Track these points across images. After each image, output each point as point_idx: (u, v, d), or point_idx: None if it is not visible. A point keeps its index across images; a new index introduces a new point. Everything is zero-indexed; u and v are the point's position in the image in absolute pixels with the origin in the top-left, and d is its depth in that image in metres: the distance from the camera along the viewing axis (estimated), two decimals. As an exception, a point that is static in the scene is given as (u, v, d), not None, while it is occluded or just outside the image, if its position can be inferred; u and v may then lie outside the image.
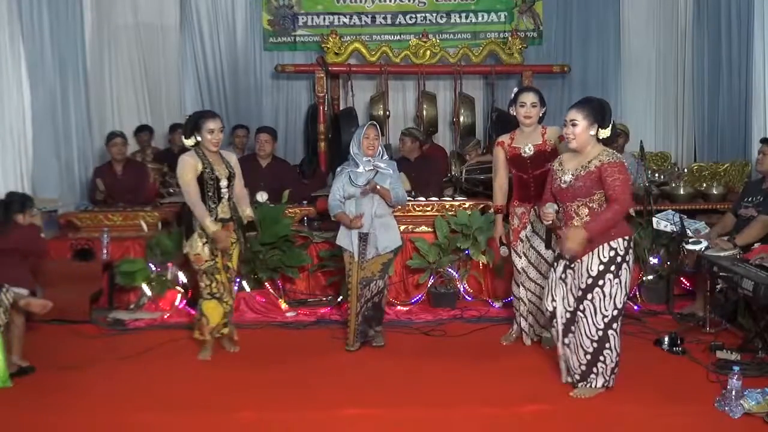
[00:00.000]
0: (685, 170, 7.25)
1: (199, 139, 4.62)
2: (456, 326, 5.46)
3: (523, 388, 4.18)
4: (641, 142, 6.55)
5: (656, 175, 6.99)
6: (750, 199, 5.43)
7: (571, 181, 3.94)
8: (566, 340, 4.06)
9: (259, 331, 5.43)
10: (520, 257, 4.88)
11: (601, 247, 3.88)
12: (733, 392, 3.76)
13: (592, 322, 3.94)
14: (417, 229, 6.08)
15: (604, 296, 3.90)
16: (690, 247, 5.24)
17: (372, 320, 4.91)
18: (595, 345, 3.98)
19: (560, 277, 4.06)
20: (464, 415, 3.81)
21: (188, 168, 4.60)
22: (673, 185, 6.66)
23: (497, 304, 5.83)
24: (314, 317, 5.70)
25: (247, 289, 5.84)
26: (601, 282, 3.89)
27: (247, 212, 4.87)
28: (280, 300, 5.88)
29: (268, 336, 5.33)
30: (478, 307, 5.90)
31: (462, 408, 3.89)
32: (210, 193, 4.64)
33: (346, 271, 4.92)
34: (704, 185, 6.69)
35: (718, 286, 5.01)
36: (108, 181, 6.78)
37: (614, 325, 3.96)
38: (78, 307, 5.50)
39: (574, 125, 3.93)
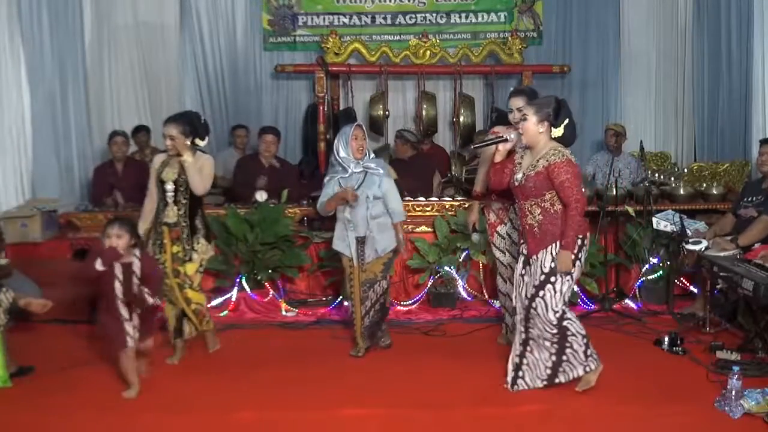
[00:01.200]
0: (685, 170, 7.26)
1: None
2: (456, 326, 5.47)
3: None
4: (641, 141, 6.55)
5: (656, 174, 7.00)
6: (750, 199, 5.43)
7: (522, 179, 3.97)
8: (530, 334, 4.06)
9: (259, 331, 5.43)
10: (504, 253, 4.90)
11: (554, 244, 3.91)
12: (733, 392, 3.76)
13: (546, 319, 3.96)
14: (417, 229, 6.08)
15: (555, 293, 3.93)
16: (690, 247, 5.24)
17: (378, 324, 4.88)
18: (556, 344, 4.00)
19: (520, 274, 4.09)
20: (464, 415, 3.81)
21: (152, 167, 4.71)
22: (673, 185, 6.66)
23: (497, 304, 5.82)
24: (314, 317, 5.70)
25: (247, 289, 5.84)
26: (553, 279, 3.92)
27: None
28: (279, 300, 5.88)
29: (268, 336, 5.33)
30: (478, 307, 5.91)
31: (462, 408, 3.89)
32: (161, 195, 4.65)
33: (346, 276, 4.86)
34: (704, 185, 6.69)
35: (718, 286, 5.02)
36: (109, 180, 6.78)
37: (567, 315, 3.98)
38: (77, 307, 5.49)
39: (524, 119, 3.95)
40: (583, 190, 3.93)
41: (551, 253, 3.92)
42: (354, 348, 4.84)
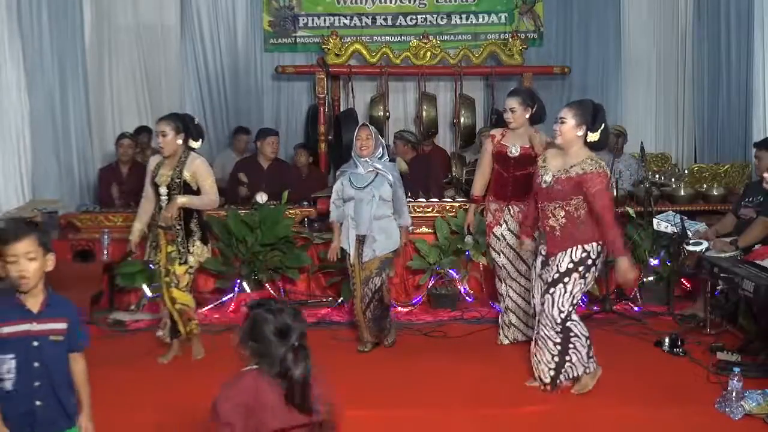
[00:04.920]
0: (686, 171, 7.25)
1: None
2: (456, 327, 5.47)
3: (523, 389, 4.19)
4: (641, 143, 6.55)
5: (657, 176, 6.99)
6: (750, 200, 5.43)
7: (551, 182, 3.99)
8: (539, 332, 4.11)
9: (259, 332, 5.42)
10: (499, 255, 4.92)
11: (574, 247, 3.94)
12: (734, 393, 3.76)
13: (550, 317, 3.99)
14: (417, 230, 6.07)
15: (565, 292, 3.96)
16: (690, 248, 5.24)
17: (381, 319, 4.95)
18: (559, 345, 4.02)
19: (539, 275, 4.12)
20: (464, 416, 3.81)
21: (147, 168, 4.71)
22: (674, 186, 6.66)
23: (497, 306, 5.82)
24: (314, 318, 5.69)
25: (248, 290, 5.84)
26: (566, 279, 3.95)
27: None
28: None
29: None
30: (479, 308, 5.91)
31: (462, 409, 3.90)
32: (156, 198, 4.65)
33: (349, 273, 4.96)
34: (705, 186, 6.69)
35: (719, 288, 5.01)
36: (114, 182, 6.78)
37: (572, 317, 4.01)
38: (78, 309, 5.47)
39: (562, 122, 3.97)
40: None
41: (571, 255, 3.94)
42: (360, 344, 4.94)
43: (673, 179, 6.93)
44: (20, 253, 2.52)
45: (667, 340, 4.83)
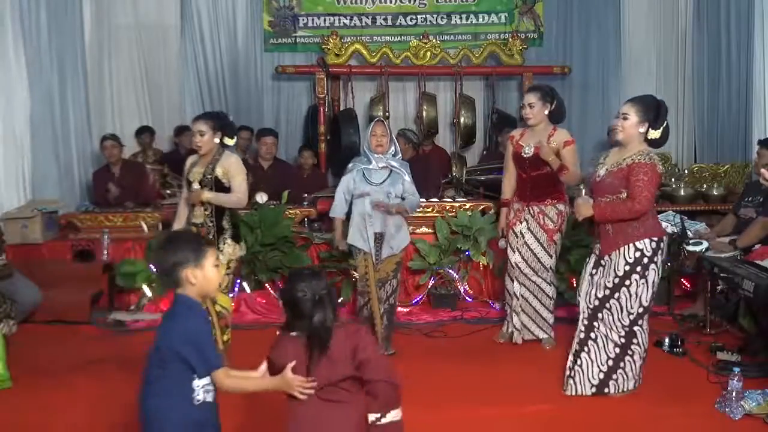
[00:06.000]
0: (686, 171, 7.25)
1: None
2: (456, 327, 5.47)
3: (523, 389, 4.19)
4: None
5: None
6: (750, 200, 5.44)
7: (604, 176, 3.97)
8: (592, 335, 4.03)
9: (259, 332, 5.42)
10: (514, 252, 4.91)
11: (626, 246, 3.89)
12: (734, 393, 3.76)
13: (618, 319, 3.95)
14: (417, 230, 6.07)
15: (630, 295, 3.91)
16: (691, 248, 5.24)
17: (391, 325, 4.88)
18: (618, 348, 3.98)
19: (590, 273, 4.07)
20: (464, 416, 3.81)
21: (185, 168, 4.68)
22: (674, 186, 6.65)
23: (497, 305, 5.82)
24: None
25: (248, 290, 5.84)
26: (627, 282, 3.90)
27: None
28: (280, 301, 5.86)
29: (269, 337, 5.27)
30: (479, 308, 5.91)
31: (462, 408, 3.89)
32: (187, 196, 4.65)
33: (360, 274, 4.84)
34: (704, 186, 6.69)
35: (719, 287, 5.01)
36: (107, 184, 6.77)
37: (640, 322, 3.98)
38: (78, 308, 5.50)
39: (624, 118, 3.92)
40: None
41: (624, 255, 3.89)
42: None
43: (673, 179, 6.93)
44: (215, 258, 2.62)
45: (667, 340, 4.83)
